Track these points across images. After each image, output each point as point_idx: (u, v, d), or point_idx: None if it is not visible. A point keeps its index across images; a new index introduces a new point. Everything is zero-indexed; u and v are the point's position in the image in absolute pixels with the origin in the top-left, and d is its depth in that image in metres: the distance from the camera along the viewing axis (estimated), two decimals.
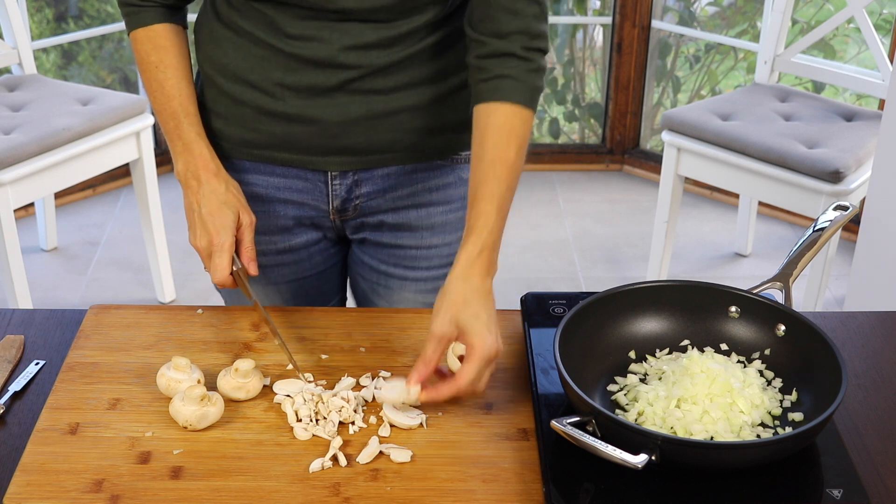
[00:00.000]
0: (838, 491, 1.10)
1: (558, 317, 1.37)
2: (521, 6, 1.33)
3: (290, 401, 1.25)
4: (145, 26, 1.42)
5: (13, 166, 2.66)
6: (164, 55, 1.42)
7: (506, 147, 1.31)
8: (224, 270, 1.34)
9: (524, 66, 1.34)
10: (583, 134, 4.18)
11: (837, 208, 1.42)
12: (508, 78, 1.33)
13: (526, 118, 1.34)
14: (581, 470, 1.12)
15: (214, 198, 1.37)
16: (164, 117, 1.42)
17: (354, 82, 1.40)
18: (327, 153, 1.45)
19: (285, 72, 1.40)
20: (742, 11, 4.03)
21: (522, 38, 1.33)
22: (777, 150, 2.77)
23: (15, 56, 3.06)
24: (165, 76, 1.41)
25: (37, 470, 1.15)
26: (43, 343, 1.39)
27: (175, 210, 3.65)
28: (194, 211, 1.38)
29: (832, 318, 1.47)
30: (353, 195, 1.50)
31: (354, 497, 1.12)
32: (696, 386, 1.20)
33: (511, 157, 1.31)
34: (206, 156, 1.40)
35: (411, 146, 1.46)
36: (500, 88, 1.33)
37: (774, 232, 3.62)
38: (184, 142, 1.40)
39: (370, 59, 1.38)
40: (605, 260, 3.46)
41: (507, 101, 1.33)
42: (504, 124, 1.32)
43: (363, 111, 1.41)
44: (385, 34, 1.37)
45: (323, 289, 1.62)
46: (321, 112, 1.41)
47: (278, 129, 1.44)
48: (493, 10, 1.33)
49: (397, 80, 1.41)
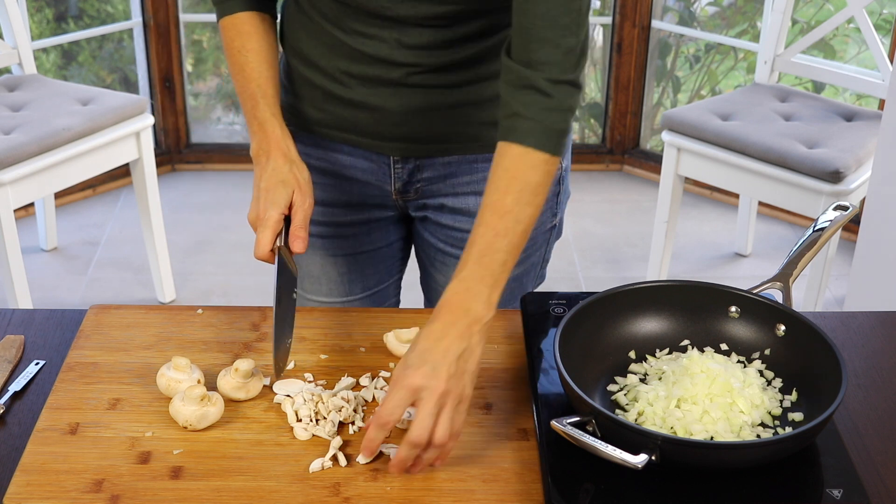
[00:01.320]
0: (838, 491, 1.10)
1: (558, 317, 1.38)
2: (555, 35, 1.26)
3: (290, 401, 1.25)
4: (232, 14, 1.46)
5: (13, 166, 2.66)
6: (245, 40, 1.46)
7: (503, 193, 1.26)
8: (264, 246, 1.35)
9: (544, 104, 1.27)
10: (583, 134, 4.18)
11: (837, 208, 1.42)
12: (523, 118, 1.27)
13: (536, 163, 1.27)
14: (581, 470, 1.12)
15: (275, 175, 1.39)
16: (243, 98, 1.46)
17: (414, 76, 1.42)
18: (390, 139, 1.49)
19: (350, 62, 1.44)
20: (742, 11, 4.03)
21: (551, 70, 1.26)
22: (777, 150, 2.77)
23: (15, 56, 3.06)
24: (246, 59, 1.45)
25: (37, 470, 1.15)
26: (43, 343, 1.39)
27: (175, 210, 3.66)
28: (256, 186, 1.40)
29: (832, 318, 1.47)
30: (414, 179, 1.53)
31: (354, 497, 1.12)
32: (696, 386, 1.20)
33: (507, 203, 1.25)
34: (279, 135, 1.43)
35: (472, 138, 1.48)
36: (514, 128, 1.28)
37: (774, 232, 3.62)
38: (259, 121, 1.44)
39: (428, 58, 1.40)
40: (605, 260, 3.46)
41: (517, 143, 1.27)
42: (509, 168, 1.27)
43: (424, 103, 1.44)
44: (442, 37, 1.39)
45: (379, 267, 1.65)
46: (383, 101, 1.45)
47: (345, 113, 1.48)
48: (528, 38, 1.27)
49: (457, 77, 1.43)
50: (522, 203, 1.26)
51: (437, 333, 1.17)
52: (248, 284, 3.27)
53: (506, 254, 1.24)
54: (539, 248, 1.61)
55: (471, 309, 1.20)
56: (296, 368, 1.33)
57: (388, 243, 1.65)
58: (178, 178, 3.88)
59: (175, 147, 3.91)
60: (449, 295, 1.21)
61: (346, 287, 1.65)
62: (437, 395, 1.13)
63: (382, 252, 1.65)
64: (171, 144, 3.90)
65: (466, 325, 1.18)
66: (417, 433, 1.12)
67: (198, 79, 4.13)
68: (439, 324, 1.18)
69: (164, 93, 3.81)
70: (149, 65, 3.76)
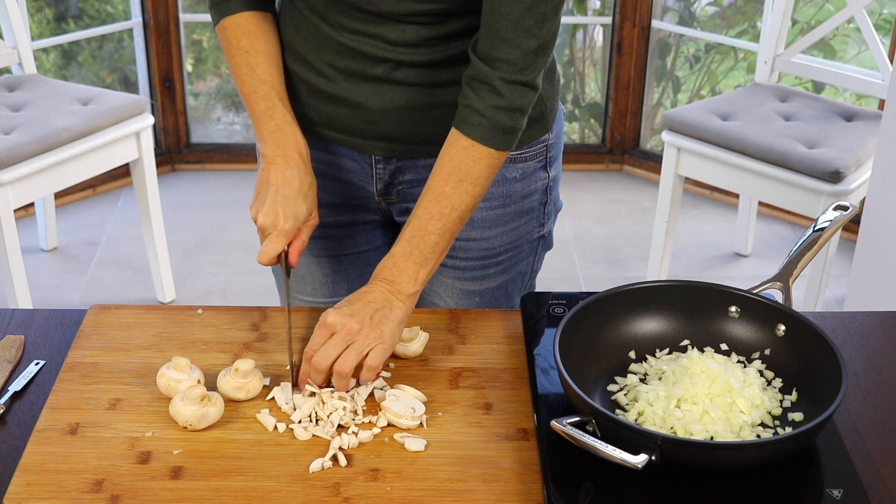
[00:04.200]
0: (838, 491, 1.10)
1: (558, 317, 1.38)
2: (516, 36, 1.30)
3: (269, 414, 1.25)
4: (234, 14, 1.46)
5: (13, 166, 2.66)
6: (253, 41, 1.45)
7: (444, 180, 1.35)
8: (272, 253, 1.37)
9: (495, 102, 1.33)
10: (583, 134, 4.18)
11: (837, 208, 1.41)
12: (475, 112, 1.34)
13: (480, 156, 1.35)
14: (581, 470, 1.12)
15: (297, 185, 1.40)
16: (254, 99, 1.45)
17: (397, 72, 1.42)
18: (371, 138, 1.49)
19: (336, 55, 1.44)
20: (742, 11, 4.03)
21: (508, 69, 1.32)
22: (777, 150, 2.77)
23: (15, 56, 3.06)
24: (257, 61, 1.45)
25: (37, 470, 1.15)
26: (43, 343, 1.39)
27: (175, 210, 3.66)
28: (271, 186, 1.39)
29: (832, 318, 1.47)
30: (396, 180, 1.53)
31: (354, 497, 1.12)
32: (696, 386, 1.20)
33: (446, 191, 1.35)
34: (301, 142, 1.44)
35: None
36: (465, 120, 1.35)
37: (774, 232, 3.62)
38: (276, 123, 1.43)
39: (411, 56, 1.41)
40: (605, 260, 3.46)
41: (465, 135, 1.35)
42: (454, 157, 1.35)
43: (405, 101, 1.44)
44: (425, 34, 1.39)
45: (364, 271, 1.65)
46: (365, 98, 1.45)
47: (328, 109, 1.48)
48: (490, 34, 1.32)
49: (439, 76, 1.43)
50: (461, 192, 1.35)
51: (363, 290, 1.33)
52: (248, 284, 3.27)
53: (437, 236, 1.35)
54: (526, 258, 1.61)
55: (396, 280, 1.33)
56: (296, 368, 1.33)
57: (374, 247, 1.65)
58: (178, 178, 3.88)
59: (175, 147, 3.91)
60: (379, 269, 1.35)
61: (330, 287, 1.65)
62: (347, 331, 1.26)
63: (368, 255, 1.64)
64: (171, 144, 3.90)
65: (390, 290, 1.33)
66: (318, 358, 1.25)
67: (198, 79, 4.13)
68: (367, 286, 1.33)
69: (164, 93, 3.81)
70: (149, 65, 3.76)
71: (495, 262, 1.57)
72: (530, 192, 1.55)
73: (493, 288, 1.60)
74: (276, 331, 1.40)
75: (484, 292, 1.60)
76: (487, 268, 1.57)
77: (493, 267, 1.57)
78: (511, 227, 1.56)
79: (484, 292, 1.60)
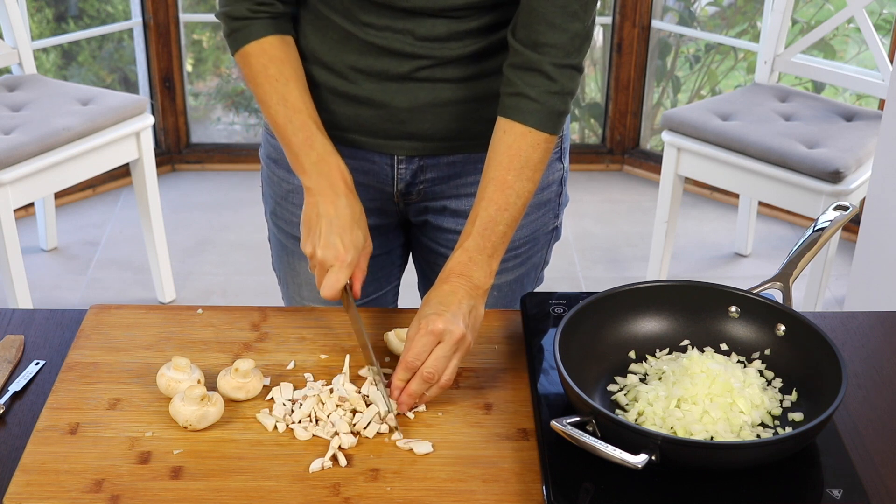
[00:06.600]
0: (838, 491, 1.10)
1: (558, 317, 1.38)
2: (563, 21, 1.32)
3: (269, 414, 1.25)
4: (257, 39, 1.41)
5: (13, 166, 2.66)
6: (283, 67, 1.41)
7: (506, 169, 1.35)
8: (338, 287, 1.33)
9: (548, 87, 1.34)
10: (583, 134, 4.18)
11: (837, 208, 1.42)
12: (528, 99, 1.34)
13: (537, 142, 1.35)
14: (581, 470, 1.12)
15: (350, 213, 1.37)
16: (290, 130, 1.41)
17: (424, 70, 1.42)
18: (395, 137, 1.48)
19: (359, 56, 1.43)
20: (742, 11, 4.03)
21: (557, 54, 1.33)
22: (777, 150, 2.77)
23: (15, 56, 3.06)
24: (288, 89, 1.41)
25: (37, 470, 1.15)
26: (43, 343, 1.39)
27: (175, 210, 3.66)
28: (323, 218, 1.36)
29: (832, 318, 1.47)
30: (417, 180, 1.52)
31: (354, 497, 1.12)
32: (696, 386, 1.20)
33: (509, 179, 1.34)
34: (344, 169, 1.40)
35: (477, 135, 1.47)
36: (518, 108, 1.35)
37: (774, 232, 3.62)
38: (318, 153, 1.39)
39: (441, 51, 1.41)
40: (605, 260, 3.46)
41: (521, 123, 1.35)
42: (511, 145, 1.35)
43: (431, 98, 1.44)
44: (456, 28, 1.39)
45: (377, 275, 1.64)
46: (390, 97, 1.44)
47: (349, 111, 1.47)
48: (535, 20, 1.32)
49: (467, 70, 1.43)
50: (523, 179, 1.35)
51: (448, 290, 1.29)
52: (248, 284, 3.27)
53: (506, 226, 1.34)
54: (541, 249, 1.61)
55: (473, 276, 1.31)
56: (296, 368, 1.33)
57: (387, 251, 1.64)
58: (178, 178, 3.88)
59: (175, 147, 3.91)
60: (453, 264, 1.32)
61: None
62: (456, 339, 1.24)
63: (381, 259, 1.63)
64: (171, 144, 3.90)
65: (471, 286, 1.30)
66: (430, 368, 1.23)
67: (198, 79, 4.13)
68: (448, 285, 1.30)
69: (164, 93, 3.81)
70: (149, 65, 3.76)
71: (514, 255, 1.57)
72: (548, 183, 1.55)
73: (510, 281, 1.60)
74: (277, 331, 1.40)
75: (502, 286, 1.59)
76: (506, 261, 1.55)
77: (512, 260, 1.57)
78: (530, 220, 1.56)
79: (502, 286, 1.59)
